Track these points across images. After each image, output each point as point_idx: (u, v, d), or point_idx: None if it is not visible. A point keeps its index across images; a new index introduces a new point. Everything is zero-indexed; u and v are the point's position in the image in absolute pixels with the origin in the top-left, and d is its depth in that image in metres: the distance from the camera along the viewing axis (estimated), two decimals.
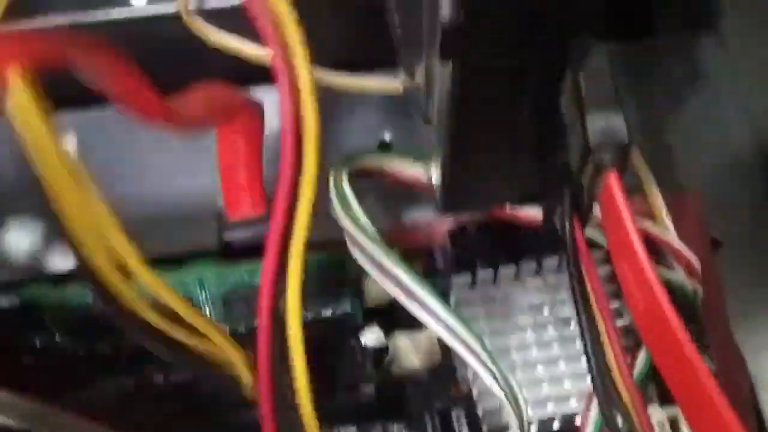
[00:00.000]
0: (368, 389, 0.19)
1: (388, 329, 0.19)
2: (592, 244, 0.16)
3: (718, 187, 0.18)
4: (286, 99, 0.14)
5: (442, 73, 0.13)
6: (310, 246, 0.14)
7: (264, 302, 0.14)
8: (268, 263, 0.14)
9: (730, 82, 0.21)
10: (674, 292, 0.16)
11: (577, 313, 0.15)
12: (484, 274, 0.18)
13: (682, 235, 0.16)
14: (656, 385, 0.18)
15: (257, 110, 0.17)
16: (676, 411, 0.17)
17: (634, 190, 0.17)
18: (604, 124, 0.12)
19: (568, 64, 0.13)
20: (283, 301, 0.14)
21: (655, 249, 0.16)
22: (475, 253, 0.18)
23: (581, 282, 0.14)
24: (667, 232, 0.16)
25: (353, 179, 0.17)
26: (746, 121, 0.21)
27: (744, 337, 0.17)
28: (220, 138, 0.18)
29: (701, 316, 0.16)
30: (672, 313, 0.11)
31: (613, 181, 0.12)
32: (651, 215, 0.16)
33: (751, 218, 0.19)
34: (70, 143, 0.22)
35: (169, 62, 0.17)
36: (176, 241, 0.18)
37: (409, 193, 0.18)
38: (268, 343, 0.14)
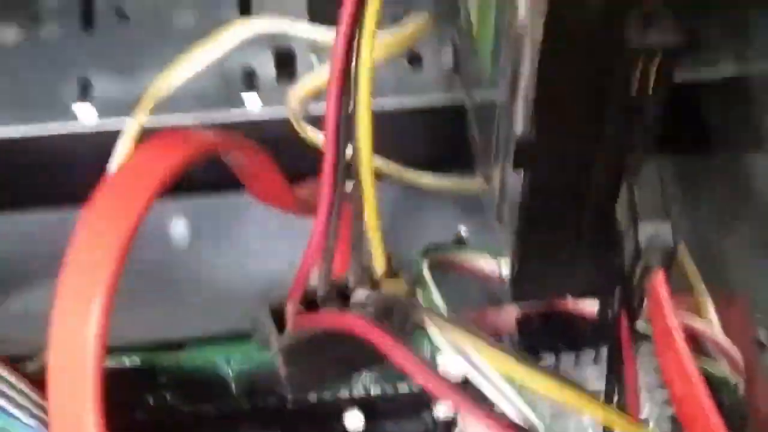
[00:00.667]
0: None
1: None
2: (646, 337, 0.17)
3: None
4: None
5: (515, 180, 0.16)
6: None
7: None
8: None
9: None
10: (717, 383, 0.18)
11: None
12: (546, 360, 0.20)
13: (728, 333, 0.18)
14: None
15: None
16: None
17: (684, 290, 0.19)
18: (653, 231, 0.15)
19: (624, 177, 0.16)
20: None
21: (700, 345, 0.18)
22: (538, 341, 0.20)
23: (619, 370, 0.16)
24: (712, 328, 0.18)
25: (433, 270, 0.19)
26: None
27: None
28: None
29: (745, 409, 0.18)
30: (706, 398, 0.12)
31: (658, 279, 0.14)
32: (698, 312, 0.18)
33: None
34: (180, 227, 0.26)
35: (281, 157, 0.21)
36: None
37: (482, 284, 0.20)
38: None
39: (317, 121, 0.24)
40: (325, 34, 0.21)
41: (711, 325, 0.18)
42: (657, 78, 0.13)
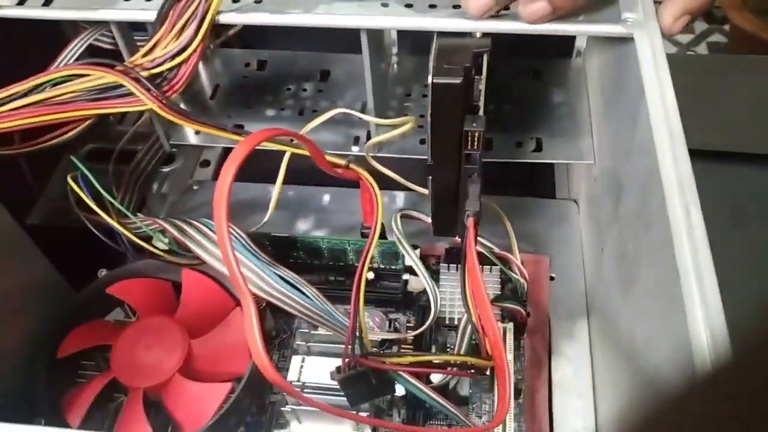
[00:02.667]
0: None
1: None
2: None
3: None
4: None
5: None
6: None
7: None
8: None
9: None
10: (510, 280, 0.42)
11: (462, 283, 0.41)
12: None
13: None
14: None
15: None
16: None
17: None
18: (469, 205, 0.39)
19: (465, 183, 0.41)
20: None
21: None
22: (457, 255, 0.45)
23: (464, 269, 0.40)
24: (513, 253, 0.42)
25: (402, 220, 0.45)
26: None
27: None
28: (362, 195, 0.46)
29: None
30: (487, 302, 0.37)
31: (470, 221, 0.39)
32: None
33: None
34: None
35: None
36: None
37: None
38: None
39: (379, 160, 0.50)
40: None
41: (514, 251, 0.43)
42: (478, 143, 0.38)
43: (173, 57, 0.39)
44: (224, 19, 0.40)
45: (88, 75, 0.39)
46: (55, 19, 0.42)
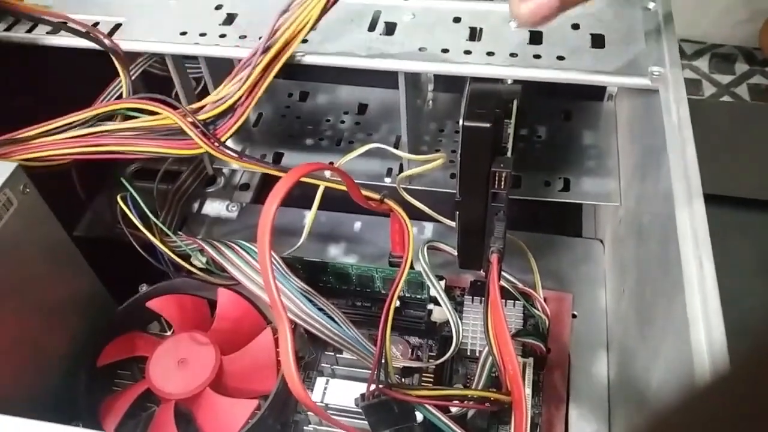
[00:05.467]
0: None
1: None
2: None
3: None
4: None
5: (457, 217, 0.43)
6: None
7: None
8: None
9: None
10: (533, 316, 0.44)
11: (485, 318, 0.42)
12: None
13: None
14: None
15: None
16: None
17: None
18: (494, 242, 0.41)
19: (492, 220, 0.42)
20: None
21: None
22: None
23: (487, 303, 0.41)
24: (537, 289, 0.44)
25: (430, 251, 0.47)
26: None
27: None
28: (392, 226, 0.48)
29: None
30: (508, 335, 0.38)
31: (494, 257, 0.40)
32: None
33: None
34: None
35: None
36: None
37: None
38: None
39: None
40: None
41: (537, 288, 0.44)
42: (505, 182, 0.40)
43: (229, 104, 0.42)
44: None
45: (158, 114, 0.42)
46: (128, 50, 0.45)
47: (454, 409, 0.43)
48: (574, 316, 0.50)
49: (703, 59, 1.71)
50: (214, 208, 0.62)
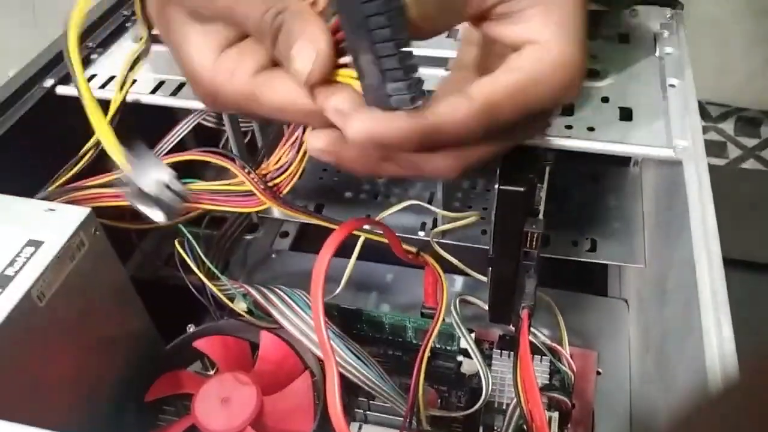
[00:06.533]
0: None
1: None
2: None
3: None
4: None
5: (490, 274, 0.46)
6: None
7: None
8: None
9: None
10: (558, 371, 0.45)
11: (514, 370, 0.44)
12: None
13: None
14: None
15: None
16: None
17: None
18: (526, 298, 0.43)
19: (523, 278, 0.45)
20: None
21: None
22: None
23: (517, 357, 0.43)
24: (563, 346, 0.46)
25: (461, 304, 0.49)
26: None
27: None
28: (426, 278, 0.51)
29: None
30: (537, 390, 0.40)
31: (524, 313, 0.43)
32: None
33: None
34: None
35: None
36: None
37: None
38: None
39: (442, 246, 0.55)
40: None
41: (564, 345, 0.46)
42: (537, 242, 0.42)
43: (286, 168, 0.47)
44: None
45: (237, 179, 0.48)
46: (179, 107, 0.49)
47: None
48: (598, 373, 0.52)
49: (728, 122, 1.73)
50: (254, 254, 0.65)
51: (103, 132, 0.37)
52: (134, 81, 0.49)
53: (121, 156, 0.37)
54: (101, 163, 0.46)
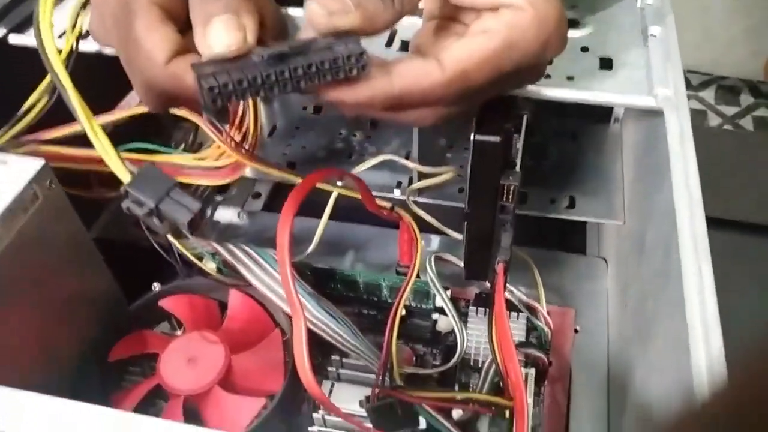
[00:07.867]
0: None
1: None
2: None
3: None
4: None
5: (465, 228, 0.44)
6: None
7: None
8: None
9: None
10: (535, 329, 0.45)
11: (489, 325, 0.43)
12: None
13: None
14: None
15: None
16: None
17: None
18: (501, 252, 0.42)
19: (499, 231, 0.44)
20: None
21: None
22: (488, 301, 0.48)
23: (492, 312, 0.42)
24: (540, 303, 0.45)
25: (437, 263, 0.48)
26: None
27: None
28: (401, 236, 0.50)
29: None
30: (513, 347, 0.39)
31: (500, 267, 0.41)
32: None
33: None
34: None
35: None
36: None
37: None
38: None
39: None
40: None
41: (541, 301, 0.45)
42: (513, 195, 0.41)
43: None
44: None
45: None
46: None
47: (456, 416, 0.44)
48: (576, 331, 0.51)
49: (708, 90, 1.73)
50: (225, 215, 0.63)
51: (106, 149, 0.37)
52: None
53: (122, 168, 0.36)
54: (57, 113, 0.44)
